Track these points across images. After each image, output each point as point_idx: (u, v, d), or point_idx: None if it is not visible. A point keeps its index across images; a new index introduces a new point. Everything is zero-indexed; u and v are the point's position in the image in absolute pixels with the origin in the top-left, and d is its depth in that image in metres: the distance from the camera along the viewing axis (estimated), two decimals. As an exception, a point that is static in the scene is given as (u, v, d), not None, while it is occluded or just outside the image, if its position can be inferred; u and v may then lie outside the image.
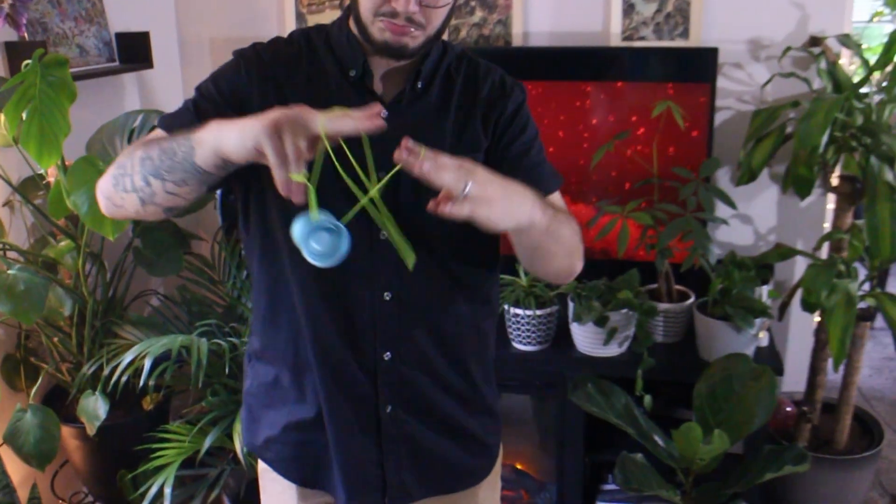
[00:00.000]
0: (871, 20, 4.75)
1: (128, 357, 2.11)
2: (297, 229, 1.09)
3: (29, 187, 2.34)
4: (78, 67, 2.49)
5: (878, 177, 2.30)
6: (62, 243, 2.30)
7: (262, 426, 1.48)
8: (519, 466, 2.82)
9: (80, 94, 2.41)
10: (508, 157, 1.36)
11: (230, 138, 1.07)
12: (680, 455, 2.27)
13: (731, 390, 2.32)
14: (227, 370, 2.27)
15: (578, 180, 2.68)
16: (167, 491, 2.18)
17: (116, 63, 2.68)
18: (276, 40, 1.38)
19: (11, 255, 2.27)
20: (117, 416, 2.35)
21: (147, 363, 2.07)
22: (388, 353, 1.37)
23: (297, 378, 1.41)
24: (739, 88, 2.67)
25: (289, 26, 2.91)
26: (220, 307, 2.57)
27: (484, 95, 1.38)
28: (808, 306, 2.38)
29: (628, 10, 2.67)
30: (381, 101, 1.31)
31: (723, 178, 2.73)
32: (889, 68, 2.40)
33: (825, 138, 2.27)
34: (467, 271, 1.41)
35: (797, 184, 2.47)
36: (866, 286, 2.49)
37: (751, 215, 2.76)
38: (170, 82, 2.98)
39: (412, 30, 1.24)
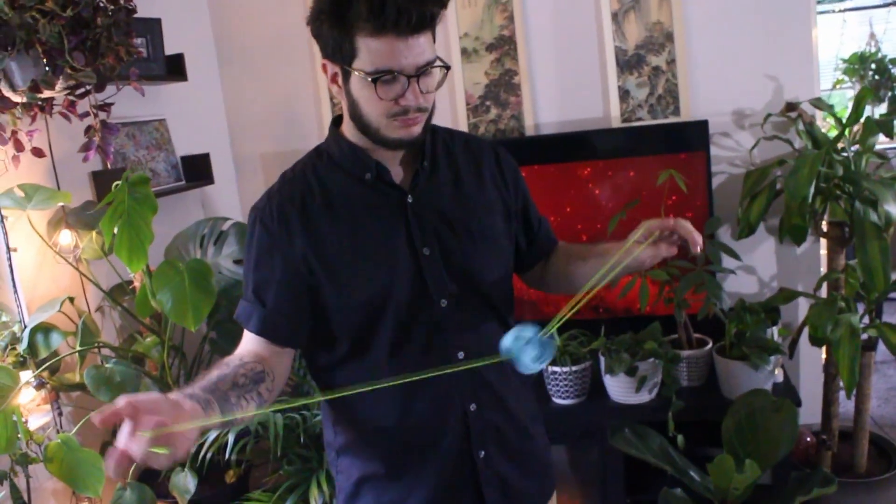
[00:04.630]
0: (833, 87, 4.93)
1: (211, 435, 2.16)
2: (509, 344, 1.18)
3: (117, 293, 2.44)
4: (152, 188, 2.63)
5: (865, 219, 2.35)
6: (148, 339, 2.38)
7: None
8: (566, 513, 2.80)
9: (154, 210, 2.52)
10: (522, 208, 1.50)
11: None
12: (715, 487, 2.27)
13: (755, 423, 2.33)
14: (300, 440, 2.31)
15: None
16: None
17: (183, 182, 2.81)
18: (278, 192, 1.37)
19: (105, 352, 2.35)
20: (203, 489, 2.38)
21: (230, 438, 2.11)
22: (473, 405, 1.39)
23: (397, 458, 1.42)
24: (730, 154, 2.76)
25: (329, 136, 3.04)
26: (288, 386, 2.62)
27: (486, 162, 1.46)
28: (816, 341, 2.40)
29: (624, 95, 2.79)
30: (401, 189, 1.36)
31: (724, 234, 2.80)
32: (860, 124, 2.49)
33: (812, 189, 2.35)
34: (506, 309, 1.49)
35: (792, 233, 2.52)
36: (865, 319, 2.52)
37: (753, 266, 2.81)
38: (228, 196, 3.10)
39: (418, 116, 1.28)
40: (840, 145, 2.52)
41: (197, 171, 2.83)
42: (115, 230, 1.99)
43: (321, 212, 1.34)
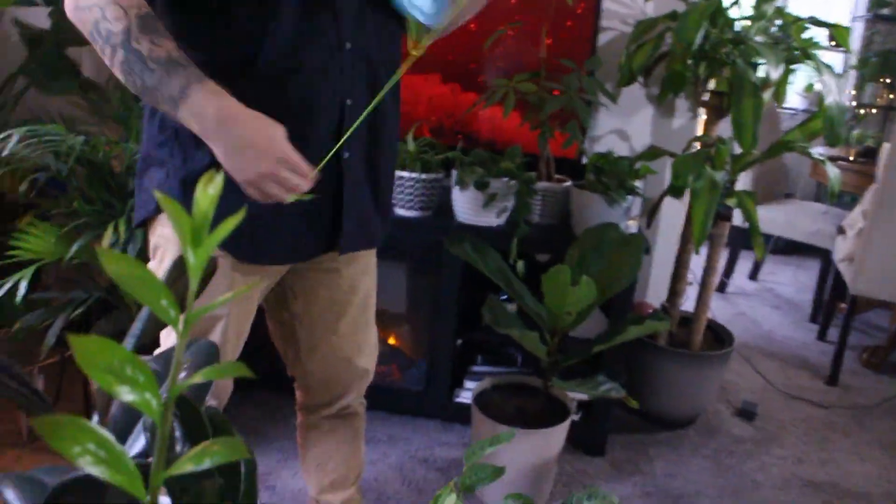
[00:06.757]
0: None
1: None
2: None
3: None
4: None
5: (744, 77, 2.22)
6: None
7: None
8: (391, 342, 2.57)
9: None
10: None
11: (223, 154, 1.07)
12: (548, 310, 2.09)
13: (600, 254, 2.17)
14: (106, 186, 1.98)
15: (472, 70, 2.54)
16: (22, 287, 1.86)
17: None
18: None
19: None
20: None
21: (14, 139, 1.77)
22: (349, 100, 1.26)
23: None
24: (624, 11, 2.61)
25: None
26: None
27: None
28: (675, 190, 2.27)
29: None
30: None
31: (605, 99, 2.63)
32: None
33: (699, 38, 2.22)
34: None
35: (672, 80, 2.37)
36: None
37: (627, 131, 2.67)
38: None
39: None
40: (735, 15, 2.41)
41: None
42: None
43: None
